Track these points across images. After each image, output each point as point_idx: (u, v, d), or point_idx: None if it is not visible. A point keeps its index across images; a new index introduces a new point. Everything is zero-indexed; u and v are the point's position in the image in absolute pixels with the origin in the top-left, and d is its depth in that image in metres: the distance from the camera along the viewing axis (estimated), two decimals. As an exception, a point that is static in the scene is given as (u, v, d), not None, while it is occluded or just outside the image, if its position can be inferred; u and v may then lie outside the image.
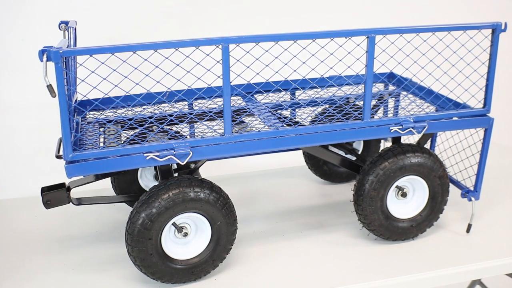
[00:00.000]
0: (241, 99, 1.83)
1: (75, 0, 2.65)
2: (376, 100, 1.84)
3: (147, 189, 1.65)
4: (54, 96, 1.27)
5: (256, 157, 1.81)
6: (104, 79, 1.32)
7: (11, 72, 2.69)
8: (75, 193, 1.71)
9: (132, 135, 1.55)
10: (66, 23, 1.64)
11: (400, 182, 1.65)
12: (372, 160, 1.64)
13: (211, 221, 1.49)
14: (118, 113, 1.72)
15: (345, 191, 2.07)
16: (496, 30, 1.59)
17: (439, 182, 1.68)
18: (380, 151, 1.68)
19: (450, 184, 1.77)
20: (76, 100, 1.66)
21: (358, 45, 1.50)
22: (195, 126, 1.71)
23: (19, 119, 2.72)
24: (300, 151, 2.06)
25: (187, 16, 2.85)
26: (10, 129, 2.75)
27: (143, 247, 1.43)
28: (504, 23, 1.60)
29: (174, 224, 1.47)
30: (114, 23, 2.77)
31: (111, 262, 1.63)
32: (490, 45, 1.62)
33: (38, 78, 1.30)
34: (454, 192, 1.87)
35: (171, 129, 1.61)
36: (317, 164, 2.09)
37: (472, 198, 1.75)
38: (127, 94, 1.49)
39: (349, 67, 1.55)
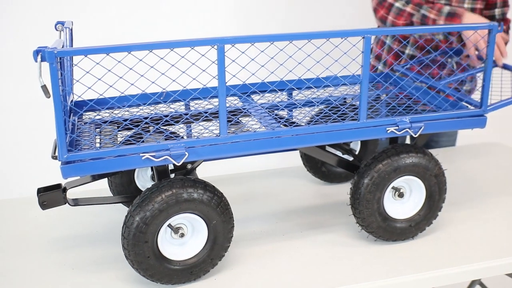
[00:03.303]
0: (237, 99, 1.83)
1: (72, 1, 2.66)
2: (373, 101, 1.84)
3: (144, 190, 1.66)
4: (49, 97, 1.28)
5: (255, 157, 1.81)
6: (99, 79, 1.32)
7: (10, 72, 2.70)
8: (72, 193, 1.71)
9: (127, 136, 1.55)
10: (63, 23, 1.65)
11: (396, 183, 1.65)
12: (366, 163, 1.63)
13: (207, 220, 1.49)
14: (114, 114, 1.72)
15: (345, 191, 2.06)
16: (492, 30, 1.59)
17: (436, 181, 1.67)
18: (374, 153, 1.67)
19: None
20: (72, 100, 1.66)
21: (354, 45, 1.50)
22: (191, 126, 1.71)
23: (18, 119, 2.74)
24: (297, 151, 2.05)
25: (182, 16, 2.86)
26: (9, 129, 2.77)
27: (140, 250, 1.43)
28: (500, 23, 1.60)
29: (169, 225, 1.47)
30: (110, 23, 2.78)
31: (110, 262, 1.63)
32: (487, 46, 1.61)
33: (36, 78, 1.31)
34: (453, 192, 1.87)
35: (167, 130, 1.62)
36: (316, 166, 2.09)
37: None
38: (123, 94, 1.49)
39: (345, 67, 1.55)
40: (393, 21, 2.04)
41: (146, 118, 1.66)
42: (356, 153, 2.06)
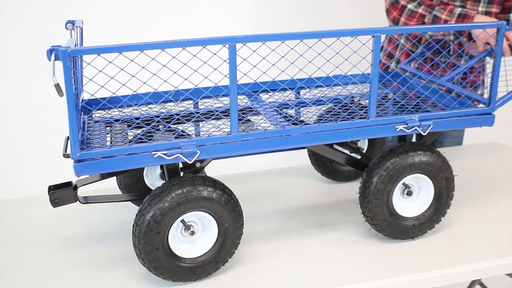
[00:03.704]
0: (247, 98, 1.83)
1: (73, 1, 2.66)
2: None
3: (153, 188, 1.66)
4: (62, 95, 1.28)
5: (258, 156, 1.82)
6: (112, 78, 1.32)
7: (11, 72, 2.69)
8: (80, 191, 1.71)
9: (139, 134, 1.56)
10: (73, 22, 1.64)
11: (408, 179, 1.66)
12: (382, 154, 1.65)
13: (219, 222, 1.50)
14: (125, 112, 1.72)
15: (346, 190, 2.07)
16: (500, 29, 1.60)
17: (445, 184, 1.69)
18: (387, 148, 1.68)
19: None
20: (83, 99, 1.66)
21: (364, 44, 1.51)
22: (201, 125, 1.71)
23: (20, 119, 2.73)
24: (304, 150, 2.06)
25: (194, 16, 2.86)
26: (9, 129, 2.76)
27: (151, 240, 1.43)
28: (509, 23, 1.61)
29: (182, 221, 1.47)
30: (110, 24, 2.78)
31: (112, 262, 1.63)
32: (495, 44, 1.63)
33: (39, 77, 1.30)
34: (455, 192, 1.88)
35: (177, 128, 1.62)
36: (320, 160, 2.09)
37: None
38: (134, 93, 1.49)
39: (354, 66, 1.56)
40: (405, 22, 2.06)
41: (157, 116, 1.66)
42: (364, 151, 2.07)
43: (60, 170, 1.75)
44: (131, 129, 1.61)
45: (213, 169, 1.90)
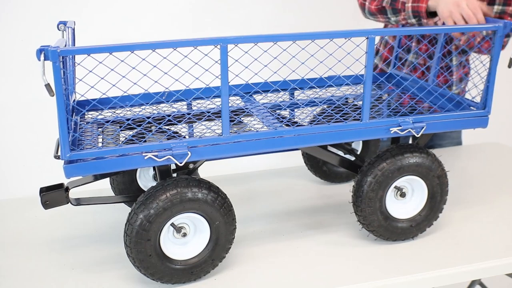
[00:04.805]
0: (240, 99, 1.82)
1: (72, 0, 2.66)
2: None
3: (146, 189, 1.65)
4: (53, 95, 1.27)
5: (256, 157, 1.81)
6: (102, 78, 1.32)
7: (11, 72, 2.70)
8: (74, 193, 1.71)
9: (130, 135, 1.55)
10: (65, 23, 1.64)
11: (399, 182, 1.65)
12: (370, 161, 1.63)
13: (210, 221, 1.49)
14: (116, 113, 1.72)
15: (345, 191, 2.06)
16: (497, 31, 1.59)
17: (438, 182, 1.67)
18: (378, 151, 1.67)
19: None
20: (74, 99, 1.66)
21: (357, 45, 1.50)
22: (194, 126, 1.71)
23: (18, 119, 2.73)
24: (299, 152, 2.06)
25: (185, 16, 2.85)
26: (9, 129, 2.76)
27: (142, 248, 1.42)
28: (505, 22, 1.59)
29: (172, 224, 1.46)
30: (112, 23, 2.78)
31: (111, 262, 1.62)
32: (492, 47, 1.61)
33: (39, 77, 1.30)
34: (453, 192, 1.87)
35: (169, 129, 1.61)
36: (317, 165, 2.08)
37: None
38: (125, 94, 1.48)
39: (348, 67, 1.55)
40: (369, 6, 2.04)
41: (148, 117, 1.66)
42: (358, 152, 2.06)
43: (60, 170, 1.74)
44: (122, 129, 1.61)
45: (209, 170, 1.89)
